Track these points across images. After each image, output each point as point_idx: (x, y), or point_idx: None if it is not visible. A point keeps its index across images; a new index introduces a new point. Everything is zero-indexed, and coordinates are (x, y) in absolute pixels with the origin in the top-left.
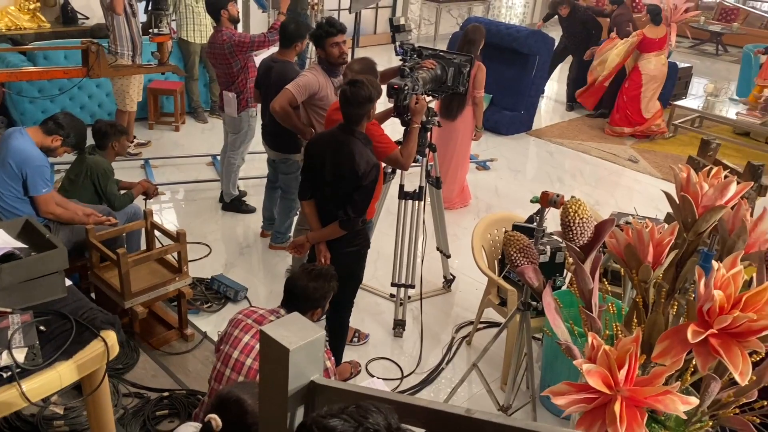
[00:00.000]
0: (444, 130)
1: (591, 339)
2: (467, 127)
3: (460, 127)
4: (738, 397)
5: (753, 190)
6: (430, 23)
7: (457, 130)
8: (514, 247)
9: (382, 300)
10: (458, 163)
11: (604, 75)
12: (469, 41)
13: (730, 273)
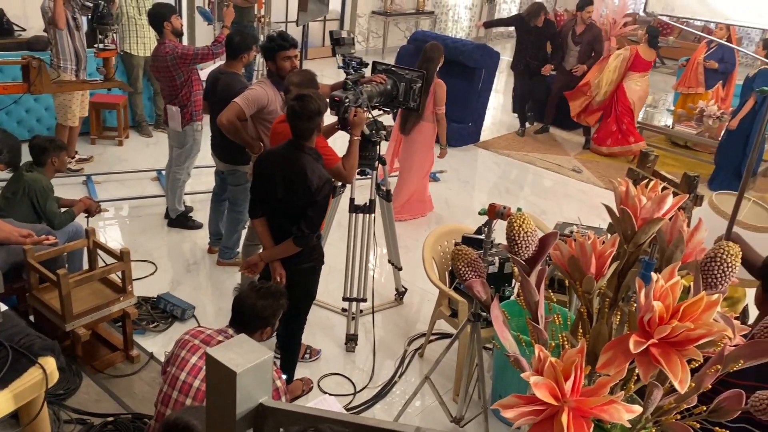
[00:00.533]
0: (405, 143)
1: (537, 351)
2: (425, 141)
3: (417, 140)
4: (679, 404)
5: (689, 201)
6: (378, 36)
7: (414, 142)
8: (462, 262)
9: (334, 315)
10: (415, 175)
11: (606, 92)
12: (429, 59)
13: (669, 284)
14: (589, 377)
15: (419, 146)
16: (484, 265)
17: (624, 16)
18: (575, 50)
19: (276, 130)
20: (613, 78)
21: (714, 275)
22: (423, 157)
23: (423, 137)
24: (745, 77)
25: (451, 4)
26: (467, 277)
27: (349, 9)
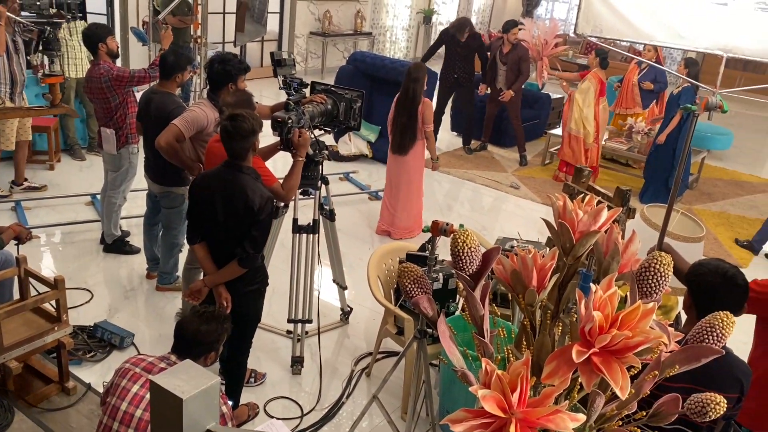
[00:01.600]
0: (396, 164)
1: (485, 364)
2: (417, 161)
3: (410, 160)
4: (620, 410)
5: (623, 214)
6: (317, 57)
7: (407, 163)
8: (408, 278)
9: (279, 337)
10: (409, 195)
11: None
12: (414, 79)
13: (607, 294)
14: (535, 388)
15: (416, 164)
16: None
17: (555, 36)
18: (503, 69)
19: (211, 150)
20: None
21: (649, 284)
22: (420, 174)
23: (416, 156)
24: (670, 94)
25: (389, 25)
26: (413, 294)
27: (287, 30)
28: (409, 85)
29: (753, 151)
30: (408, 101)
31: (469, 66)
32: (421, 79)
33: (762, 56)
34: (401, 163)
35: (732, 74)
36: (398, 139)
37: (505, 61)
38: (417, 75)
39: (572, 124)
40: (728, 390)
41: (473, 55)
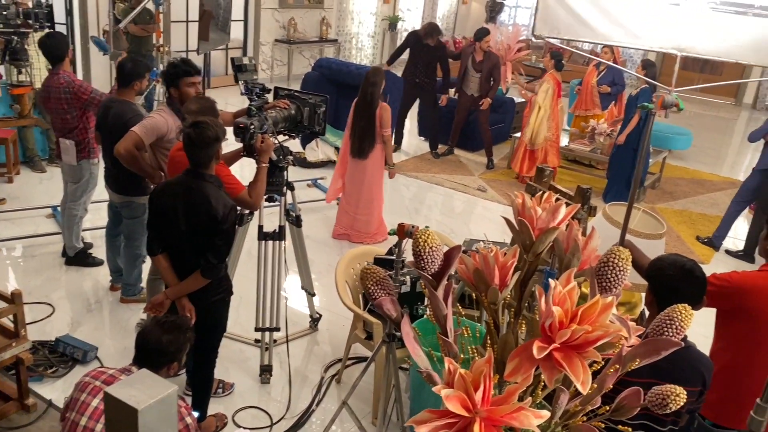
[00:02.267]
0: (355, 168)
1: (447, 364)
2: (376, 165)
3: (369, 165)
4: (584, 406)
5: (584, 212)
6: (283, 64)
7: (366, 167)
8: (371, 281)
9: (247, 346)
10: (370, 199)
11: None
12: (372, 83)
13: (566, 289)
14: (499, 386)
15: (375, 168)
16: (394, 283)
17: (517, 42)
18: (476, 76)
19: (174, 159)
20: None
21: (608, 279)
22: (380, 178)
23: (375, 160)
24: (629, 96)
25: (354, 32)
26: (377, 296)
27: (251, 37)
28: (367, 89)
29: (712, 151)
30: (366, 105)
31: (431, 71)
32: (379, 84)
33: (716, 55)
34: (361, 167)
35: (690, 76)
36: (357, 143)
37: (479, 68)
38: (375, 79)
39: (528, 135)
40: (691, 383)
41: (436, 62)
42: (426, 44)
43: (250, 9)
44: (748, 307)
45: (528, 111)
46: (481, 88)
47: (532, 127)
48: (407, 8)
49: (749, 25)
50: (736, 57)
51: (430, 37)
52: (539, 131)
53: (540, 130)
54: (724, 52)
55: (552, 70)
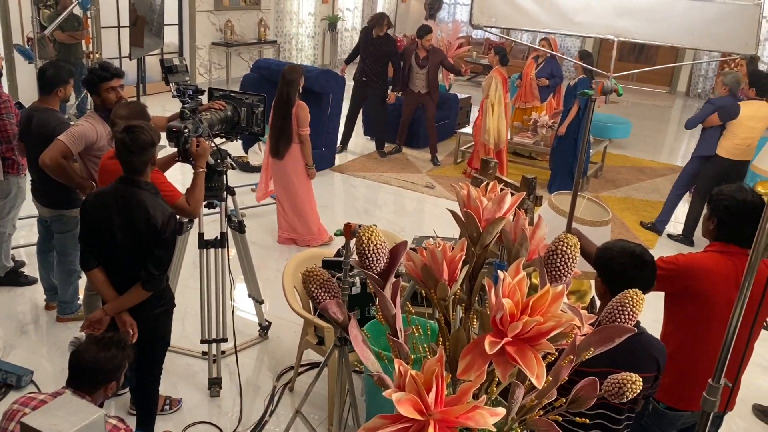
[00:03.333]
0: (276, 170)
1: (397, 366)
2: (298, 165)
3: (289, 165)
4: (540, 400)
5: (530, 201)
6: (222, 67)
7: (286, 167)
8: (314, 284)
9: (194, 359)
10: (300, 201)
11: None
12: (288, 82)
13: (515, 280)
14: (453, 385)
15: (294, 168)
16: (343, 285)
17: (458, 38)
18: (421, 73)
19: (106, 167)
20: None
21: (557, 267)
22: (304, 178)
23: (295, 160)
24: (567, 86)
25: (294, 33)
26: (321, 299)
27: (187, 41)
28: (283, 88)
29: (651, 138)
30: (282, 104)
31: (378, 68)
32: (296, 81)
33: (652, 39)
34: (280, 168)
35: (626, 66)
36: (274, 143)
37: (423, 65)
38: (291, 77)
39: (486, 135)
40: (646, 369)
41: (385, 58)
42: (374, 38)
43: (184, 12)
44: (695, 288)
45: (481, 115)
46: (428, 85)
47: (493, 129)
48: (346, 8)
49: (684, 9)
50: (671, 40)
51: (378, 26)
52: (500, 129)
53: (501, 128)
54: (660, 36)
55: (497, 66)
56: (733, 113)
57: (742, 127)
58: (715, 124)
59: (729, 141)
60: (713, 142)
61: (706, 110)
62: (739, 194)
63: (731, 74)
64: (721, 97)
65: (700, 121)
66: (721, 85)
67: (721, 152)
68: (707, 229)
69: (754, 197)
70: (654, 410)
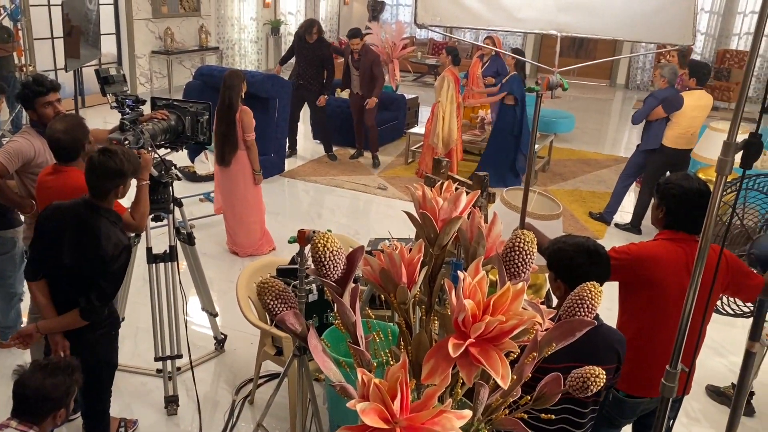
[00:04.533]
0: (223, 177)
1: (360, 375)
2: (245, 172)
3: (236, 172)
4: (505, 399)
5: (483, 199)
6: (163, 76)
7: (234, 175)
8: (269, 295)
9: (149, 378)
10: (246, 208)
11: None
12: (229, 86)
13: (475, 280)
14: (418, 390)
15: (241, 176)
16: (299, 293)
17: (402, 39)
18: (356, 74)
19: (44, 184)
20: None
21: (516, 264)
22: (250, 185)
23: (242, 167)
24: (500, 83)
25: (236, 38)
26: (278, 311)
27: (126, 50)
28: (225, 93)
29: (594, 131)
30: (225, 109)
31: (313, 71)
32: (237, 86)
33: (593, 33)
34: (227, 175)
35: (567, 61)
36: (219, 150)
37: (357, 66)
38: (232, 82)
39: (434, 138)
40: (607, 361)
41: (319, 62)
42: (307, 42)
43: (121, 21)
44: (648, 276)
45: (432, 118)
46: (362, 87)
47: (442, 133)
48: (288, 11)
49: (623, 2)
50: (611, 33)
51: (308, 33)
52: (452, 128)
53: (451, 130)
54: (601, 30)
55: (450, 66)
56: (678, 104)
57: (686, 117)
58: (661, 116)
59: (674, 131)
60: (660, 135)
61: (650, 104)
62: (686, 182)
63: (668, 66)
64: (662, 89)
65: (646, 114)
66: (660, 78)
67: (666, 142)
68: (656, 217)
69: (700, 185)
70: (614, 399)
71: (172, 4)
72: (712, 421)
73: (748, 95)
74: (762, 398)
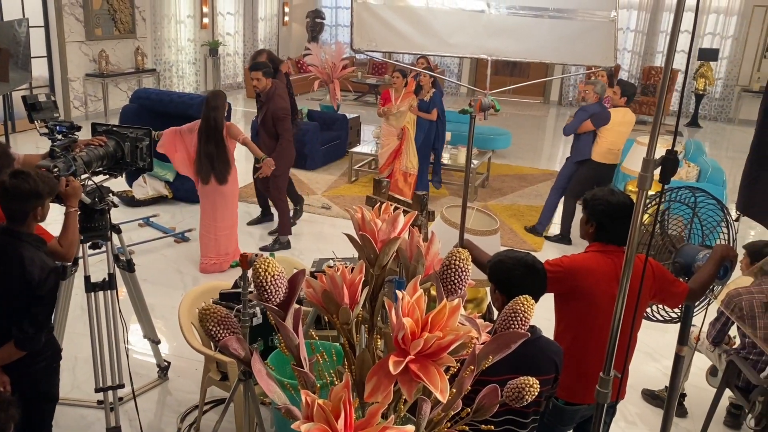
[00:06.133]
0: (214, 194)
1: (304, 396)
2: (234, 186)
3: (228, 190)
4: (447, 412)
5: (423, 217)
6: (98, 99)
7: (225, 193)
8: (211, 322)
9: (89, 410)
10: (233, 221)
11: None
12: (213, 108)
13: (413, 298)
14: (362, 408)
15: (233, 190)
16: (243, 317)
17: (342, 59)
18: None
19: None
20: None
21: (452, 281)
22: (236, 200)
23: (234, 181)
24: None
25: (173, 60)
26: (220, 337)
27: (58, 73)
28: (209, 114)
29: (530, 146)
30: (211, 130)
31: None
32: (221, 107)
33: (521, 57)
34: (221, 193)
35: (502, 80)
36: (210, 170)
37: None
38: (216, 103)
39: (407, 163)
40: (546, 372)
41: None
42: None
43: (53, 43)
44: (581, 287)
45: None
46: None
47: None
48: (227, 32)
49: (548, 27)
50: (539, 57)
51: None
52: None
53: (412, 151)
54: (527, 53)
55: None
56: (606, 119)
57: (612, 132)
58: (589, 129)
59: (601, 146)
60: (588, 147)
61: (580, 117)
62: (613, 197)
63: (600, 83)
64: (592, 104)
65: (577, 127)
66: (593, 93)
67: (595, 157)
68: (586, 232)
69: (625, 199)
70: (554, 407)
71: (107, 26)
72: (648, 423)
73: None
74: (694, 399)
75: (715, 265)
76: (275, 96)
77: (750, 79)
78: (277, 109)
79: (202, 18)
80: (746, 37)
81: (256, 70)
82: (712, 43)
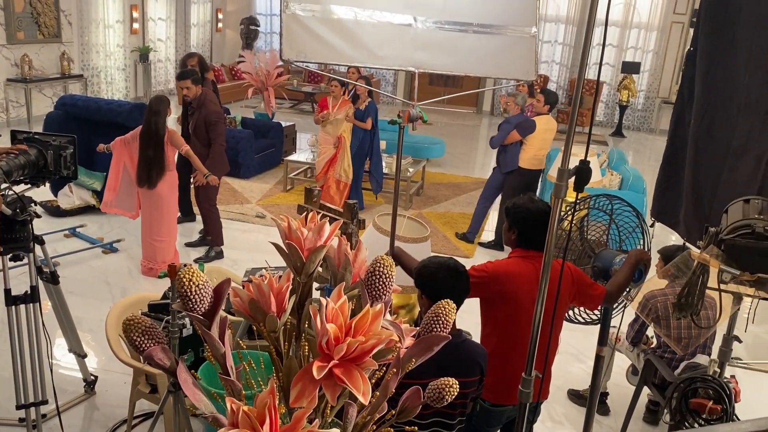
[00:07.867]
0: (150, 198)
1: (229, 404)
2: (172, 192)
3: (164, 192)
4: (372, 415)
5: (354, 225)
6: (21, 105)
7: (162, 195)
8: (136, 332)
9: (10, 428)
10: (171, 228)
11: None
12: (155, 112)
13: (338, 304)
14: (290, 414)
15: (165, 198)
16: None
17: (276, 67)
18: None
19: None
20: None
21: (377, 288)
22: (173, 207)
23: (170, 186)
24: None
25: (102, 66)
26: (145, 347)
27: None
28: (151, 119)
29: (463, 155)
30: (151, 134)
31: None
32: (163, 112)
33: (447, 70)
34: (156, 196)
35: (437, 90)
36: (146, 173)
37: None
38: (158, 108)
39: (341, 171)
40: (471, 374)
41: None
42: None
43: None
44: (504, 291)
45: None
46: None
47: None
48: (158, 38)
49: (472, 41)
50: (464, 70)
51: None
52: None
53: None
54: (453, 67)
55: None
56: (531, 128)
57: (538, 139)
58: (516, 139)
59: (528, 153)
60: (515, 157)
61: (506, 129)
62: (532, 205)
63: (521, 95)
64: (515, 115)
65: (503, 138)
66: (514, 105)
67: (522, 164)
68: (509, 238)
69: (544, 206)
70: (481, 409)
71: (30, 29)
72: (573, 422)
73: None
74: (616, 398)
75: (630, 268)
76: (206, 101)
77: (669, 91)
78: (210, 113)
79: (132, 23)
80: (665, 51)
81: (184, 78)
82: (634, 57)
